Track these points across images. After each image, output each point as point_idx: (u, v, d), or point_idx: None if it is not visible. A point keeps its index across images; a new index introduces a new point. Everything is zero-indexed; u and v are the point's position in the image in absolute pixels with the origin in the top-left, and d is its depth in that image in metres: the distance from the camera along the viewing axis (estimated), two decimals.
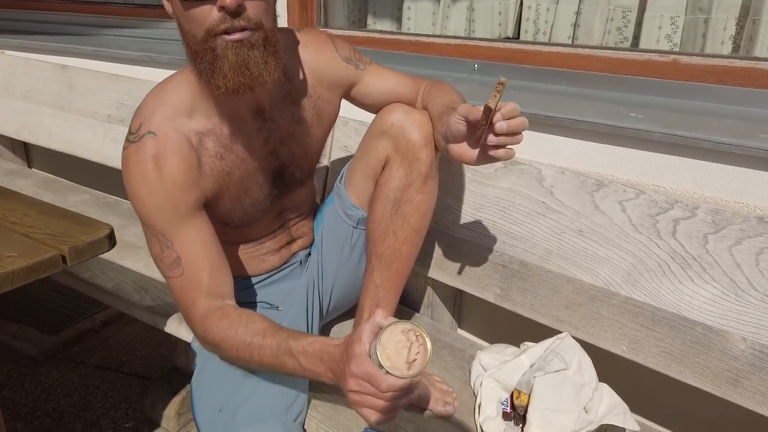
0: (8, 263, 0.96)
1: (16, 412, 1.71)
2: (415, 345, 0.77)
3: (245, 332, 0.96)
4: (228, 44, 0.88)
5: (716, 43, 1.45)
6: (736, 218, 1.03)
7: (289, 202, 1.20)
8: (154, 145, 0.97)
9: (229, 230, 1.13)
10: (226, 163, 1.04)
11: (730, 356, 1.03)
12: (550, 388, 1.08)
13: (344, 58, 1.14)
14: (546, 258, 1.23)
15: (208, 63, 0.90)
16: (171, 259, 1.00)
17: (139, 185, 0.97)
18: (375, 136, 1.13)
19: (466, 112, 0.90)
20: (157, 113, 0.99)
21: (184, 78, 1.00)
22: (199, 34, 0.90)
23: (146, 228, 1.01)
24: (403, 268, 1.18)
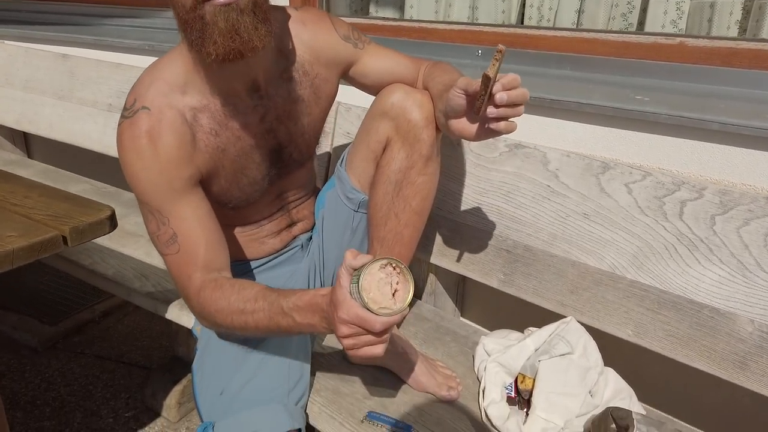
0: (9, 242, 0.96)
1: (15, 402, 1.69)
2: (394, 275, 0.78)
3: (238, 299, 0.95)
4: (217, 9, 0.87)
5: (722, 28, 1.44)
6: (744, 199, 1.02)
7: (288, 184, 1.19)
8: (148, 120, 0.96)
9: (227, 211, 1.12)
10: (221, 139, 1.03)
11: (737, 339, 1.01)
12: (555, 371, 1.06)
13: (342, 36, 1.13)
14: (551, 242, 1.22)
15: (198, 32, 0.89)
16: (167, 236, 0.99)
17: (133, 160, 0.96)
18: (375, 117, 1.12)
19: (465, 85, 0.89)
20: (151, 89, 0.98)
21: (178, 54, 1.00)
22: (187, 3, 0.89)
23: (142, 205, 1.00)
24: (406, 252, 1.17)
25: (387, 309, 0.77)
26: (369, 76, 1.16)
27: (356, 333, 0.78)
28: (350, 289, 0.79)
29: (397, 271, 0.78)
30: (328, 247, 1.24)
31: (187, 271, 0.99)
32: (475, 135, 0.94)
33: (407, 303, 0.78)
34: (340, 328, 0.79)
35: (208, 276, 0.98)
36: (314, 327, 0.87)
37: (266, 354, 1.08)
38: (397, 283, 0.78)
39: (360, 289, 0.76)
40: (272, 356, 1.08)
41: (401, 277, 0.78)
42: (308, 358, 1.13)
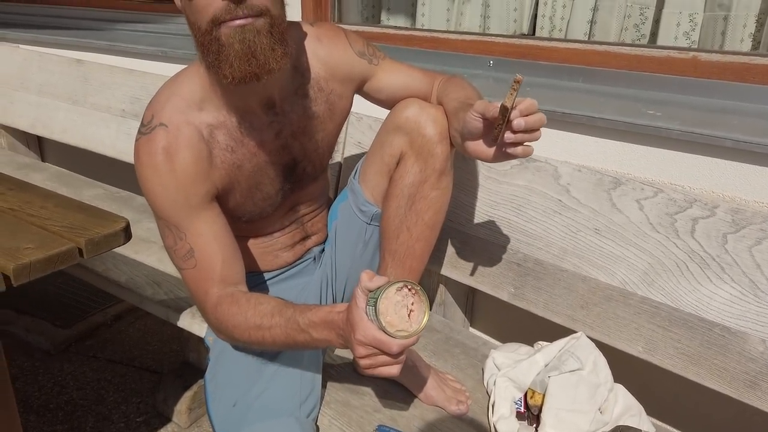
0: (26, 255, 0.97)
1: (29, 405, 1.72)
2: (410, 296, 0.80)
3: (254, 315, 0.96)
4: (232, 31, 0.88)
5: (735, 41, 1.44)
6: (757, 218, 1.02)
7: (301, 197, 1.20)
8: (165, 137, 0.97)
9: (241, 224, 1.13)
10: (237, 156, 1.04)
11: (748, 358, 1.01)
12: (565, 388, 1.07)
13: (358, 53, 1.13)
14: (561, 257, 1.22)
15: (214, 54, 0.90)
16: (184, 251, 1.00)
17: (150, 177, 0.98)
18: (390, 131, 1.12)
19: (482, 109, 0.89)
20: (168, 105, 0.99)
21: (196, 71, 1.01)
22: (203, 25, 0.90)
23: (159, 220, 1.01)
24: (417, 265, 1.18)
25: (403, 331, 0.78)
26: (383, 91, 1.16)
27: (373, 354, 0.80)
28: (367, 311, 0.80)
29: (413, 293, 0.79)
30: (340, 259, 1.25)
31: (204, 286, 1.00)
32: (492, 157, 0.94)
33: (423, 325, 0.79)
34: (358, 349, 0.80)
35: (224, 291, 1.00)
36: (330, 342, 0.89)
37: (279, 366, 1.09)
38: (412, 304, 0.79)
39: (377, 313, 0.77)
40: (285, 368, 1.09)
41: (416, 297, 0.79)
42: (319, 370, 1.14)
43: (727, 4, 1.41)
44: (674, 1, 1.48)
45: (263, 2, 0.89)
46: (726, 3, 1.41)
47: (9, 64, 2.36)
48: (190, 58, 1.98)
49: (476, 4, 1.83)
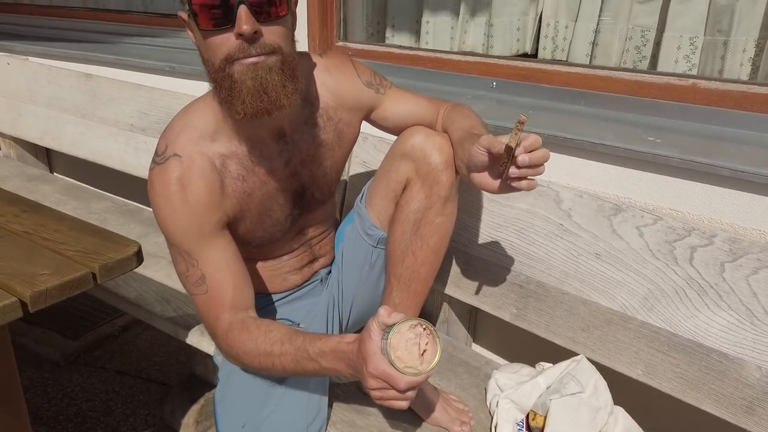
0: (42, 281, 1.00)
1: (39, 417, 1.75)
2: (424, 336, 0.82)
3: (264, 342, 0.99)
4: (245, 68, 0.91)
5: (735, 65, 1.46)
6: (754, 248, 1.04)
7: (309, 221, 1.23)
8: (179, 167, 1.00)
9: (251, 249, 1.16)
10: (247, 184, 1.07)
11: (745, 384, 1.04)
12: (566, 410, 1.09)
13: (365, 83, 1.16)
14: (563, 280, 1.25)
15: (227, 90, 0.93)
16: (196, 277, 1.03)
17: (164, 206, 1.01)
18: (396, 158, 1.15)
19: (488, 144, 0.92)
20: (182, 136, 1.02)
21: (209, 103, 1.04)
22: (216, 62, 0.93)
23: (172, 247, 1.04)
24: (422, 288, 1.20)
25: (412, 369, 0.81)
26: (390, 119, 1.19)
27: (383, 387, 0.83)
28: (381, 345, 0.83)
29: (427, 332, 0.82)
30: (346, 282, 1.28)
31: (215, 312, 1.03)
32: (497, 189, 0.97)
33: (433, 365, 0.82)
34: (369, 381, 0.84)
35: (235, 317, 1.03)
36: (339, 372, 0.92)
37: (286, 388, 1.11)
38: (426, 344, 0.82)
39: (388, 346, 0.80)
40: (292, 390, 1.11)
41: (431, 338, 0.82)
42: (326, 391, 1.17)
43: (726, 29, 1.44)
44: (675, 25, 1.51)
45: (275, 40, 0.92)
46: (726, 28, 1.44)
47: (19, 77, 2.40)
48: (198, 73, 2.01)
49: (480, 23, 1.85)
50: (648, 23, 1.57)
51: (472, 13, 1.86)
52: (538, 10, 1.76)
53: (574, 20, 1.67)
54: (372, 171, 1.54)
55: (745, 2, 1.39)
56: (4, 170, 2.39)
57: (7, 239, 1.14)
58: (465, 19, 1.87)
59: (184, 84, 2.07)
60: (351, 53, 1.84)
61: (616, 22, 1.60)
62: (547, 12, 1.72)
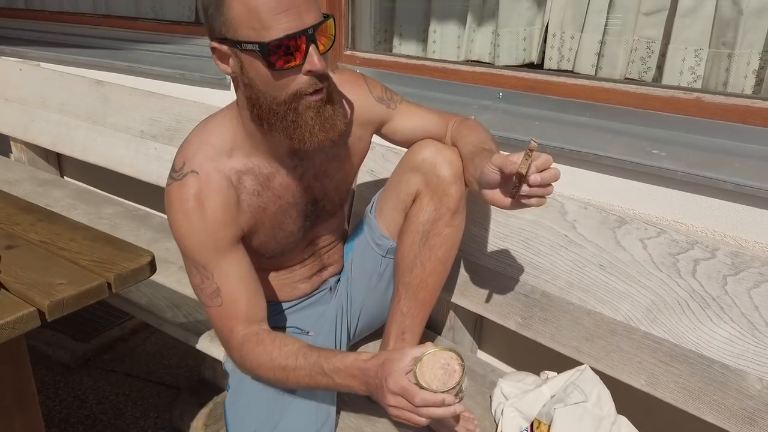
0: (59, 291, 1.03)
1: (51, 419, 1.78)
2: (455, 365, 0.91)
3: (279, 356, 1.03)
4: (312, 103, 0.95)
5: (739, 77, 1.47)
6: (755, 262, 1.06)
7: (320, 232, 1.25)
8: (197, 184, 1.03)
9: (263, 260, 1.19)
10: (262, 199, 1.10)
11: (746, 395, 1.06)
12: (570, 419, 1.11)
13: (377, 98, 1.19)
14: (567, 290, 1.26)
15: (290, 122, 0.96)
16: (211, 290, 1.06)
17: (181, 221, 1.03)
18: (406, 170, 1.18)
19: (500, 164, 0.94)
20: (199, 153, 1.05)
21: (227, 119, 1.06)
22: (280, 97, 0.95)
23: (187, 260, 1.07)
24: (429, 298, 1.23)
25: (430, 386, 0.87)
26: (400, 133, 1.22)
27: (399, 405, 0.88)
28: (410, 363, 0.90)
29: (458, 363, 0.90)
30: (355, 290, 1.30)
31: (229, 324, 1.06)
32: (508, 206, 0.99)
33: (447, 389, 0.88)
34: (387, 397, 0.89)
35: (249, 329, 1.06)
36: (352, 388, 0.96)
37: (296, 396, 1.14)
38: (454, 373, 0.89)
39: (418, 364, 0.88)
40: (301, 398, 1.14)
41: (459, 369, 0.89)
42: (334, 398, 1.19)
43: (731, 42, 1.45)
44: (680, 37, 1.52)
45: (325, 67, 0.95)
46: (730, 41, 1.45)
47: (31, 83, 2.43)
48: (207, 80, 2.04)
49: (487, 32, 1.87)
50: (653, 35, 1.58)
51: (478, 23, 1.88)
52: (545, 20, 1.77)
53: (580, 31, 1.69)
54: (379, 180, 1.57)
55: (750, 16, 1.40)
56: (16, 174, 2.42)
57: (24, 248, 1.16)
58: (472, 28, 1.89)
59: (194, 91, 2.10)
60: (358, 62, 1.87)
61: (621, 33, 1.62)
62: (554, 22, 1.74)
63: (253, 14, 0.89)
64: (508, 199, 0.98)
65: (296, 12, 0.89)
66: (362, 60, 1.86)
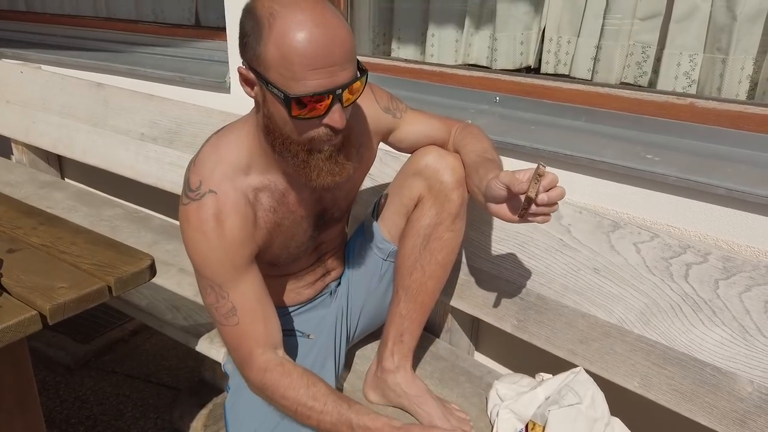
0: (60, 295, 1.04)
1: (51, 420, 1.79)
2: None
3: (307, 394, 1.05)
4: (324, 149, 0.97)
5: (734, 82, 1.49)
6: (747, 266, 1.07)
7: (325, 238, 1.27)
8: (215, 204, 1.02)
9: (273, 269, 1.21)
10: (278, 215, 1.10)
11: (737, 398, 1.07)
12: (564, 421, 1.13)
13: (384, 109, 1.20)
14: (562, 293, 1.28)
15: (301, 161, 0.98)
16: (226, 309, 1.06)
17: (199, 241, 1.03)
18: (409, 176, 1.19)
19: (507, 182, 0.95)
20: (216, 172, 1.03)
21: (244, 135, 1.05)
22: (296, 138, 0.96)
23: (201, 278, 1.06)
24: (428, 301, 1.25)
25: None
26: (405, 141, 1.23)
27: None
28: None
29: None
30: (355, 293, 1.32)
31: (248, 345, 1.07)
32: (514, 221, 1.00)
33: None
34: None
35: (270, 355, 1.07)
36: None
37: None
38: None
39: None
40: None
41: None
42: None
43: (725, 47, 1.47)
44: (675, 42, 1.54)
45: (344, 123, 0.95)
46: (724, 46, 1.47)
47: (32, 85, 2.45)
48: (207, 84, 2.06)
49: (484, 36, 1.89)
50: (649, 40, 1.60)
51: (476, 27, 1.90)
52: (541, 25, 1.79)
53: (577, 35, 1.71)
54: (378, 183, 1.58)
55: (744, 22, 1.42)
56: (17, 176, 2.44)
57: (26, 252, 1.18)
58: (470, 32, 1.90)
59: (194, 94, 2.11)
60: None
61: (617, 38, 1.64)
62: (550, 27, 1.75)
63: (287, 63, 0.87)
64: (513, 214, 0.99)
65: (330, 71, 0.88)
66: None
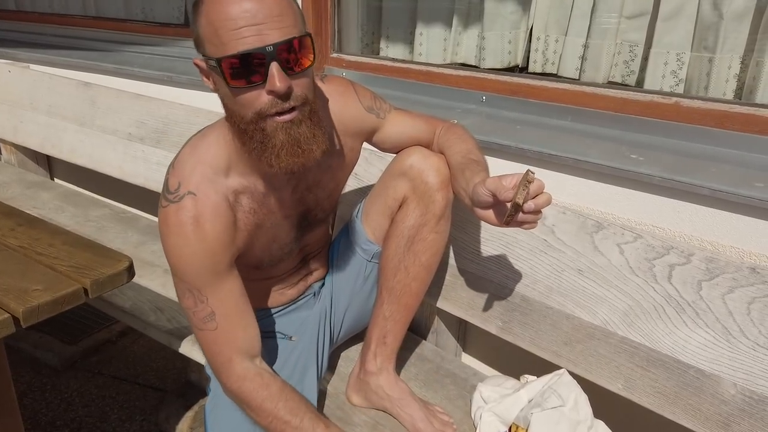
0: (35, 297, 1.03)
1: (36, 422, 1.78)
2: None
3: (284, 408, 1.05)
4: (277, 125, 0.92)
5: (720, 81, 1.48)
6: (729, 267, 1.06)
7: (310, 239, 1.25)
8: (195, 206, 0.99)
9: (256, 272, 1.19)
10: (258, 216, 1.08)
11: (720, 400, 1.06)
12: (547, 424, 1.12)
13: (366, 108, 1.18)
14: (547, 294, 1.27)
15: (258, 143, 0.93)
16: (205, 314, 1.04)
17: (179, 245, 1.00)
18: (394, 176, 1.18)
19: (494, 189, 0.93)
20: (195, 174, 1.01)
21: (222, 136, 1.03)
22: (247, 116, 0.92)
23: (180, 283, 1.04)
24: (413, 302, 1.24)
25: None
26: (389, 141, 1.22)
27: None
28: None
29: None
30: (339, 294, 1.31)
31: (226, 352, 1.05)
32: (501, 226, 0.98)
33: None
34: None
35: (248, 364, 1.07)
36: None
37: None
38: None
39: None
40: None
41: None
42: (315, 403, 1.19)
43: (712, 46, 1.46)
44: (662, 41, 1.52)
45: (303, 92, 0.93)
46: (711, 45, 1.46)
47: (20, 85, 2.43)
48: (195, 83, 2.04)
49: (472, 35, 1.88)
50: (636, 39, 1.58)
51: (464, 26, 1.88)
52: (529, 24, 1.78)
53: (564, 34, 1.69)
54: (363, 184, 1.57)
55: (731, 21, 1.41)
56: (5, 176, 2.42)
57: (2, 253, 1.16)
58: (458, 31, 1.89)
59: (181, 94, 2.10)
60: (345, 65, 1.87)
61: (604, 37, 1.62)
62: (538, 26, 1.74)
63: (213, 29, 0.88)
64: (500, 221, 0.97)
65: (256, 29, 0.86)
66: (348, 63, 1.86)
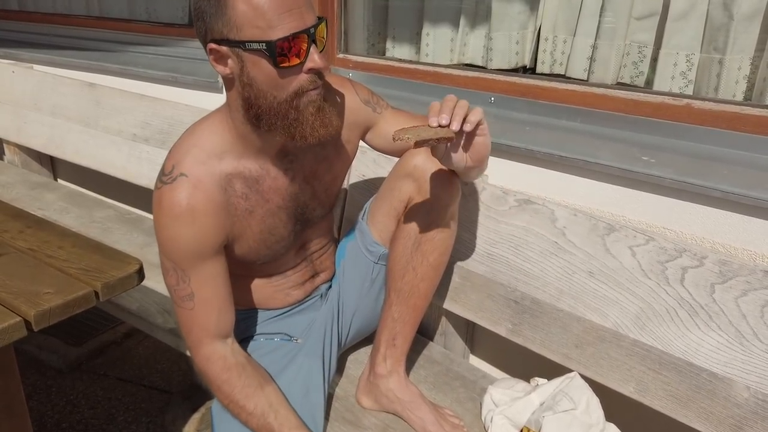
0: (46, 300, 1.02)
1: (43, 424, 1.78)
2: None
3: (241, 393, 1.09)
4: (310, 99, 0.98)
5: (731, 82, 1.47)
6: (743, 270, 1.06)
7: (310, 236, 1.25)
8: (187, 188, 1.02)
9: (255, 266, 1.19)
10: (250, 202, 1.10)
11: (733, 403, 1.06)
12: (559, 427, 1.11)
13: (363, 100, 1.19)
14: (557, 297, 1.26)
15: (292, 120, 0.98)
16: (185, 293, 1.07)
17: (169, 225, 1.03)
18: (399, 177, 1.18)
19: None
20: (189, 156, 1.04)
21: (218, 122, 1.06)
22: (282, 96, 0.97)
23: (166, 260, 1.07)
24: (421, 303, 1.23)
25: None
26: (384, 138, 1.21)
27: None
28: None
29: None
30: (347, 296, 1.30)
31: (198, 333, 1.09)
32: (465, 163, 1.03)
33: None
34: None
35: (219, 346, 1.10)
36: None
37: None
38: None
39: None
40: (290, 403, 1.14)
41: None
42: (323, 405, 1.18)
43: (722, 47, 1.45)
44: (672, 42, 1.52)
45: (326, 64, 0.97)
46: (721, 46, 1.45)
47: (24, 85, 2.42)
48: (200, 83, 2.04)
49: (479, 36, 1.87)
50: (645, 39, 1.58)
51: (471, 26, 1.88)
52: (537, 24, 1.77)
53: (573, 35, 1.69)
54: (371, 185, 1.57)
55: (741, 21, 1.40)
56: (9, 177, 2.41)
57: (11, 256, 1.16)
58: (465, 31, 1.89)
59: (186, 94, 2.09)
60: (351, 65, 1.86)
61: (613, 37, 1.62)
62: (546, 26, 1.73)
63: (259, 13, 0.90)
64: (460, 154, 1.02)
65: (299, 12, 0.92)
66: (355, 63, 1.86)
